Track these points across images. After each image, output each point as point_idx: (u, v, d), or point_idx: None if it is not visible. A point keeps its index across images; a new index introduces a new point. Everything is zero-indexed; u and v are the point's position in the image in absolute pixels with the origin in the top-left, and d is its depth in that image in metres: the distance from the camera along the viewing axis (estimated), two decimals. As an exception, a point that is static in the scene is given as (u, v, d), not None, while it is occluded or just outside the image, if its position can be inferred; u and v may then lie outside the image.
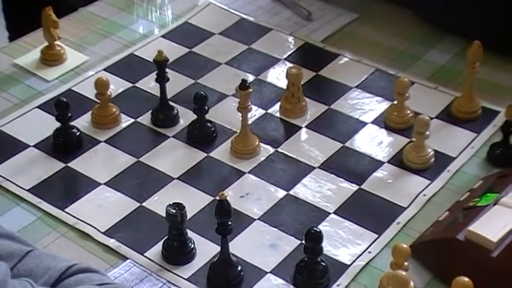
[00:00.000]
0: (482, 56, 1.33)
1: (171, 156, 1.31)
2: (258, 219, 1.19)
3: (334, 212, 1.20)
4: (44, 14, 1.47)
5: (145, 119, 1.38)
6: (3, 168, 1.28)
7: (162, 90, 1.36)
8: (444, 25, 1.60)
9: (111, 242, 1.14)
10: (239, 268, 1.08)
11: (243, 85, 1.25)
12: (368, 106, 1.41)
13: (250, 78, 1.48)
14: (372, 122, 1.37)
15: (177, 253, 1.11)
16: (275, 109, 1.40)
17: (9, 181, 1.26)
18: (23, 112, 1.40)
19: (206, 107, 1.32)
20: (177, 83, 1.44)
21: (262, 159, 1.30)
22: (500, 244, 1.03)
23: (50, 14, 1.47)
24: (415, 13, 1.65)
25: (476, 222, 1.06)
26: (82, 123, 1.36)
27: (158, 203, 1.20)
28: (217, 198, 1.07)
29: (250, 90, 1.26)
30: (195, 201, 1.21)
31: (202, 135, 1.34)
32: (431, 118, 1.34)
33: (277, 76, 1.47)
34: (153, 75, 1.37)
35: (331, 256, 1.10)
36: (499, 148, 1.27)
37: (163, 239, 1.12)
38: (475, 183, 1.21)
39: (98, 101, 1.36)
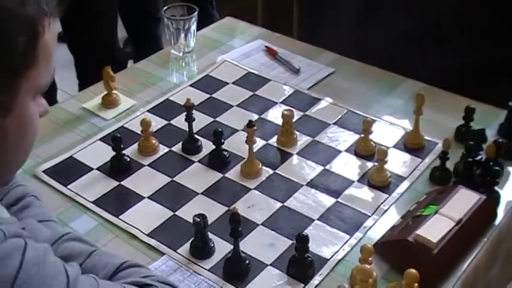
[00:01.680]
0: (426, 102, 1.31)
1: (196, 177, 1.30)
2: (261, 224, 1.18)
3: (318, 219, 1.19)
4: (104, 71, 1.47)
5: (177, 148, 1.37)
6: (75, 186, 1.28)
7: (190, 127, 1.36)
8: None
9: (152, 242, 1.14)
10: (247, 262, 1.08)
11: (250, 124, 1.26)
12: (342, 138, 1.39)
13: (255, 117, 1.46)
14: (345, 151, 1.36)
15: (201, 250, 1.11)
16: (273, 140, 1.39)
17: (79, 195, 1.25)
18: (88, 143, 1.39)
19: (222, 140, 1.31)
20: (200, 121, 1.42)
21: (264, 178, 1.29)
22: (439, 244, 1.04)
23: (108, 71, 1.47)
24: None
25: (421, 228, 1.07)
26: (131, 151, 1.35)
27: (187, 213, 1.19)
28: (231, 209, 1.08)
29: (255, 128, 1.26)
30: (214, 211, 1.20)
31: (219, 161, 1.32)
32: (389, 148, 1.33)
33: (275, 115, 1.46)
34: (183, 116, 1.36)
35: (315, 252, 1.10)
36: (438, 171, 1.27)
37: (191, 240, 1.12)
38: (421, 197, 1.20)
39: (142, 134, 1.35)
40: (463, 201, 1.13)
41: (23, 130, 0.82)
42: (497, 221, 1.17)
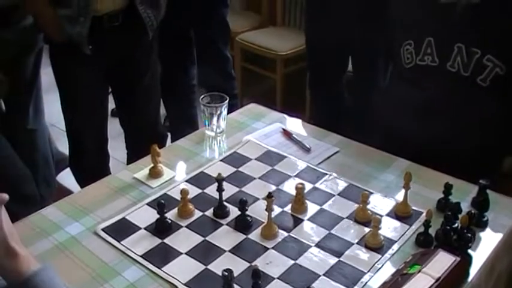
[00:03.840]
0: (413, 178, 1.36)
1: (225, 237, 1.33)
2: (277, 278, 1.21)
3: (323, 275, 1.22)
4: (152, 149, 1.54)
5: (209, 212, 1.41)
6: (127, 242, 1.32)
7: (220, 196, 1.40)
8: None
9: (189, 291, 1.18)
10: (265, 308, 1.11)
11: (269, 196, 1.30)
12: (344, 207, 1.42)
13: (273, 188, 1.48)
14: (347, 218, 1.38)
15: (228, 299, 1.14)
16: (288, 208, 1.42)
17: (130, 250, 1.29)
18: (138, 207, 1.43)
19: (246, 207, 1.35)
20: (228, 190, 1.44)
21: (280, 240, 1.31)
22: (422, 297, 1.07)
23: (155, 148, 1.54)
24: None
25: (407, 284, 1.10)
26: (172, 214, 1.39)
27: (216, 267, 1.23)
28: (252, 265, 1.14)
29: (273, 199, 1.30)
30: (238, 266, 1.22)
31: (243, 224, 1.35)
32: (382, 216, 1.37)
33: (290, 187, 1.48)
34: (215, 186, 1.39)
35: (320, 302, 1.13)
36: (422, 236, 1.30)
37: (220, 290, 1.16)
38: (408, 258, 1.24)
39: (181, 201, 1.40)
40: (442, 262, 1.16)
41: None
42: (469, 279, 1.20)
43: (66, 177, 2.65)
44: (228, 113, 1.77)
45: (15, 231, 0.95)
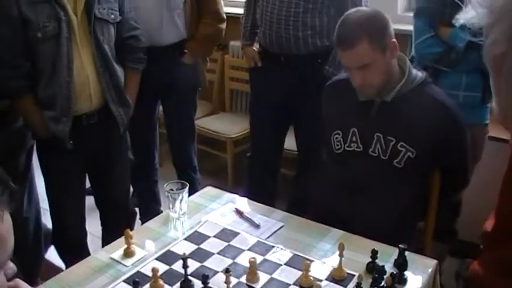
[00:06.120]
0: (345, 245, 1.43)
1: None
2: None
3: None
4: (125, 232, 1.60)
5: (176, 286, 1.45)
6: None
7: (185, 271, 1.44)
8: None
9: None
10: None
11: (227, 271, 1.37)
12: (290, 275, 1.46)
13: (230, 261, 1.53)
14: (293, 284, 1.43)
15: None
16: (243, 278, 1.46)
17: None
18: (115, 284, 1.47)
19: (208, 280, 1.38)
20: (192, 265, 1.49)
21: None
22: None
23: (128, 232, 1.59)
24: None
25: None
26: None
27: None
28: None
29: (230, 273, 1.37)
30: None
31: None
32: (322, 280, 1.44)
33: (244, 260, 1.53)
34: (180, 262, 1.43)
35: None
36: None
37: None
38: None
39: (153, 277, 1.43)
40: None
41: None
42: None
43: (51, 254, 2.64)
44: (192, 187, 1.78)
45: None
